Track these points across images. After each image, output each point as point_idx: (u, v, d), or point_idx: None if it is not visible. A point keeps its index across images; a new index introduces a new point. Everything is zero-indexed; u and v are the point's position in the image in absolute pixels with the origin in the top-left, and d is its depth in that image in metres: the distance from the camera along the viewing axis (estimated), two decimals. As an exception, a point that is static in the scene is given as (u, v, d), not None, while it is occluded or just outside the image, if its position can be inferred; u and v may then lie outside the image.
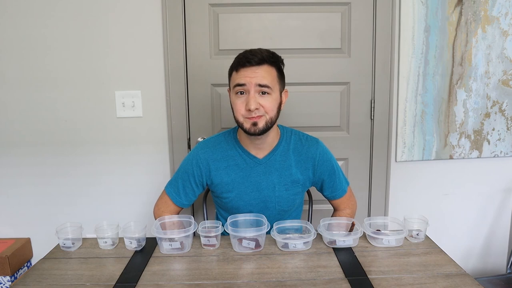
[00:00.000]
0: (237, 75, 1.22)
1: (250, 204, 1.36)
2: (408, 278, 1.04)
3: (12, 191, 1.88)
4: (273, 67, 1.24)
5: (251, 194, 1.35)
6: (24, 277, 1.08)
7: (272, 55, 1.24)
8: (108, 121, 1.82)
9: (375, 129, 1.88)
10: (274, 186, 1.34)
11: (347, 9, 1.79)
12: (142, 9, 1.74)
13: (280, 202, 1.37)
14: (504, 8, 1.81)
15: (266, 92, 1.21)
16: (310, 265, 1.11)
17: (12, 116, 1.81)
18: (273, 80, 1.23)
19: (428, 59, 1.83)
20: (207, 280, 1.04)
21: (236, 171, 1.34)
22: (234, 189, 1.35)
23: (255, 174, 1.34)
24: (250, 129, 1.22)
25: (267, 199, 1.35)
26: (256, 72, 1.19)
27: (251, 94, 1.19)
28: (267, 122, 1.23)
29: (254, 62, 1.20)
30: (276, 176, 1.34)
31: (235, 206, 1.37)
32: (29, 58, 1.76)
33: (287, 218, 1.40)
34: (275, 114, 1.25)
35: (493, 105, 1.90)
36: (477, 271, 2.08)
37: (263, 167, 1.34)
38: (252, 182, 1.34)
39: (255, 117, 1.21)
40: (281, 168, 1.34)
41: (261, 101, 1.21)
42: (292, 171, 1.35)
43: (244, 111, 1.22)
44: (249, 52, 1.22)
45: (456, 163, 1.96)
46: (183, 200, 1.39)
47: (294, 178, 1.35)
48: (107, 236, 1.23)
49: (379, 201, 1.94)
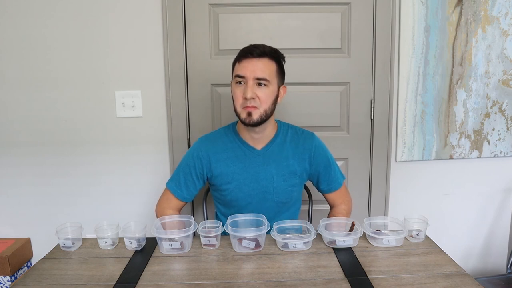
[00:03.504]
0: (239, 66, 1.29)
1: (249, 195, 1.39)
2: (408, 278, 1.04)
3: (12, 191, 1.88)
4: (273, 61, 1.30)
5: (250, 185, 1.38)
6: (24, 277, 1.08)
7: (274, 50, 1.31)
8: (108, 121, 1.82)
9: (375, 129, 1.87)
10: (272, 176, 1.38)
11: (347, 9, 1.79)
12: (142, 9, 1.74)
13: (278, 193, 1.40)
14: (504, 8, 1.81)
15: (264, 84, 1.27)
16: (310, 265, 1.11)
17: (12, 116, 1.81)
18: (271, 74, 1.29)
19: (428, 59, 1.83)
20: (207, 280, 1.04)
21: (235, 162, 1.38)
22: (233, 180, 1.38)
23: (253, 165, 1.38)
24: (246, 119, 1.29)
25: (266, 189, 1.39)
26: (256, 65, 1.26)
27: (249, 84, 1.26)
28: (261, 115, 1.29)
29: (256, 54, 1.27)
30: (274, 167, 1.38)
31: (234, 198, 1.40)
32: (29, 58, 1.76)
33: (286, 212, 1.44)
34: (269, 106, 1.30)
35: (493, 105, 1.90)
36: (477, 271, 2.08)
37: (261, 158, 1.39)
38: (251, 172, 1.38)
39: (250, 107, 1.27)
40: (279, 159, 1.39)
41: (258, 91, 1.27)
42: (289, 162, 1.39)
43: (242, 99, 1.28)
44: (252, 45, 1.30)
45: (456, 163, 1.96)
46: (184, 194, 1.41)
47: (291, 169, 1.40)
48: (107, 236, 1.23)
49: (379, 201, 1.94)
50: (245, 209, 1.39)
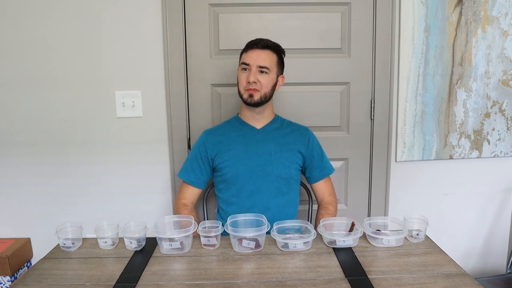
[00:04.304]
0: (246, 55, 1.47)
1: (250, 169, 1.49)
2: (408, 278, 1.04)
3: (12, 191, 1.88)
4: (274, 54, 1.48)
5: (251, 158, 1.50)
6: (24, 277, 1.08)
7: (276, 45, 1.50)
8: (108, 121, 1.82)
9: (375, 129, 1.87)
10: (270, 152, 1.52)
11: (347, 9, 1.79)
12: (142, 9, 1.74)
13: (278, 166, 1.50)
14: (504, 8, 1.81)
15: (265, 71, 1.45)
16: (310, 265, 1.11)
17: (12, 116, 1.81)
18: (272, 63, 1.47)
19: (428, 59, 1.83)
20: (207, 280, 1.04)
21: (237, 140, 1.53)
22: (234, 155, 1.51)
23: (253, 141, 1.53)
24: (247, 99, 1.46)
25: (265, 162, 1.50)
26: (260, 55, 1.45)
27: (252, 71, 1.44)
28: (261, 97, 1.46)
29: (260, 46, 1.46)
30: (272, 144, 1.53)
31: (235, 173, 1.49)
32: (29, 58, 1.76)
33: (286, 194, 1.52)
34: (269, 91, 1.48)
35: (493, 105, 1.90)
36: (477, 271, 2.08)
37: (260, 135, 1.54)
38: (250, 148, 1.52)
39: (252, 90, 1.45)
40: (277, 137, 1.54)
41: (260, 77, 1.45)
42: (287, 141, 1.54)
43: (245, 83, 1.46)
44: (258, 39, 1.49)
45: (456, 163, 1.96)
46: (191, 177, 1.54)
47: (288, 147, 1.54)
48: (107, 236, 1.23)
49: (379, 201, 1.94)
50: (246, 186, 1.49)
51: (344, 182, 1.93)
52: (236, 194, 1.50)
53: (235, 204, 1.50)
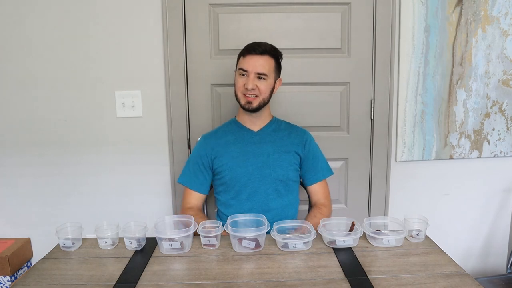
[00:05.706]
0: (243, 60, 1.46)
1: (248, 171, 1.49)
2: (408, 278, 1.04)
3: (12, 191, 1.88)
4: (272, 59, 1.47)
5: (249, 160, 1.50)
6: (24, 277, 1.08)
7: (274, 49, 1.49)
8: (108, 121, 1.82)
9: (375, 129, 1.87)
10: (268, 153, 1.52)
11: (347, 9, 1.79)
12: (142, 9, 1.74)
13: (275, 168, 1.50)
14: (504, 8, 1.81)
15: (263, 77, 1.45)
16: (310, 265, 1.11)
17: (12, 116, 1.81)
18: (270, 69, 1.46)
19: (428, 59, 1.83)
20: (207, 280, 1.04)
21: (235, 143, 1.53)
22: (232, 158, 1.51)
23: (251, 144, 1.53)
24: (245, 105, 1.47)
25: (263, 165, 1.50)
26: (258, 61, 1.44)
27: (251, 77, 1.44)
28: (260, 102, 1.47)
29: (258, 52, 1.44)
30: (270, 146, 1.53)
31: (234, 176, 1.49)
32: (29, 58, 1.76)
33: (285, 197, 1.51)
34: (267, 96, 1.49)
35: (493, 105, 1.90)
36: (477, 271, 2.08)
37: (258, 138, 1.54)
38: (248, 150, 1.52)
39: (251, 97, 1.45)
40: (274, 139, 1.54)
41: (258, 83, 1.45)
42: (284, 142, 1.54)
43: (243, 88, 1.46)
44: (256, 43, 1.47)
45: (456, 163, 1.96)
46: (195, 184, 1.53)
47: (286, 148, 1.53)
48: (107, 236, 1.23)
49: (379, 201, 1.94)
50: (245, 188, 1.48)
51: (344, 182, 1.93)
52: (235, 196, 1.50)
53: (234, 207, 1.50)
